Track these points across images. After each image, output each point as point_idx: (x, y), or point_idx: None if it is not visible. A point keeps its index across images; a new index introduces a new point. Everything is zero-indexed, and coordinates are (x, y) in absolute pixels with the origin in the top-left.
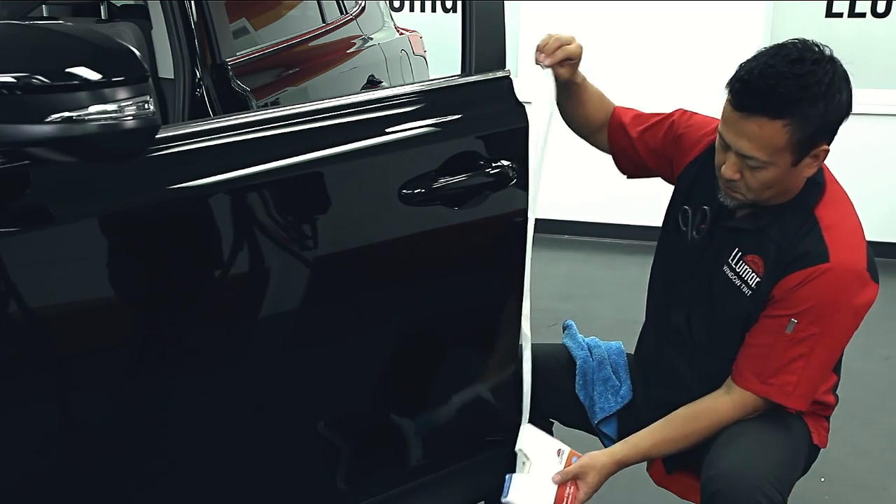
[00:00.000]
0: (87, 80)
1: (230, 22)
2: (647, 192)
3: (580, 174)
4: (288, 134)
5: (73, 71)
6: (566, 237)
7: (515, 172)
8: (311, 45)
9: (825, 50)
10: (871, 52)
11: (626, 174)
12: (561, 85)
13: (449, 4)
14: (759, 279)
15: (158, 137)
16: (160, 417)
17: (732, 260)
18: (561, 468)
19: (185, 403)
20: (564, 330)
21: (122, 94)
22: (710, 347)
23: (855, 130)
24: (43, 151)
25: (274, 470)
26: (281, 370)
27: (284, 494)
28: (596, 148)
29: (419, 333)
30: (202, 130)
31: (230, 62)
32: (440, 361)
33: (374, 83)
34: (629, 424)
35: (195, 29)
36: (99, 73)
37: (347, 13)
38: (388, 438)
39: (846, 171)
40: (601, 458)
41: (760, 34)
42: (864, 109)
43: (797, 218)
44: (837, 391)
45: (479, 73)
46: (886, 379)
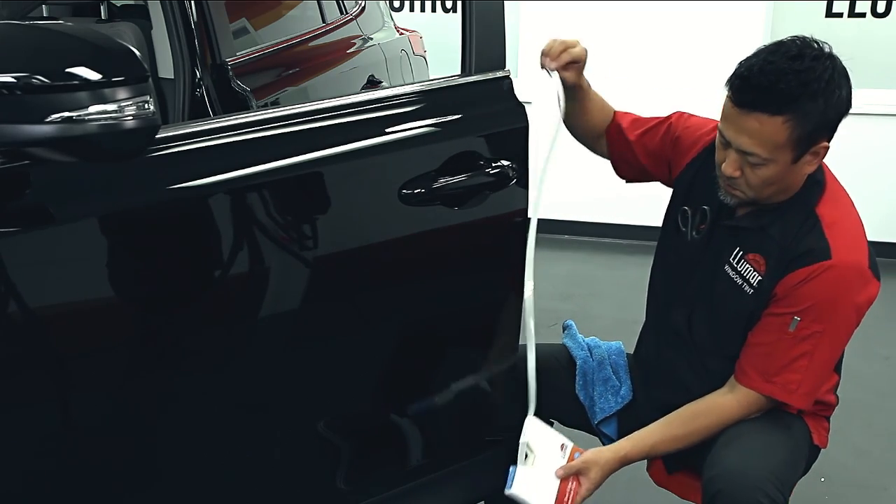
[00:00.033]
0: (87, 80)
1: (230, 22)
2: (647, 192)
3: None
4: (288, 134)
5: (73, 71)
6: (566, 237)
7: (515, 172)
8: (311, 45)
9: (824, 47)
10: (871, 52)
11: (624, 179)
12: (567, 90)
13: (449, 4)
14: (760, 278)
15: (158, 137)
16: (160, 417)
17: (734, 259)
18: (563, 463)
19: (185, 403)
20: (564, 330)
21: (122, 94)
22: (711, 347)
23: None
24: (43, 151)
25: (274, 470)
26: (281, 370)
27: (284, 494)
28: (596, 154)
29: (419, 333)
30: (202, 130)
31: (230, 62)
32: (440, 361)
33: (374, 83)
34: (629, 425)
35: (195, 29)
36: (99, 73)
37: (347, 13)
38: (388, 438)
39: (846, 171)
40: (604, 454)
41: (760, 34)
42: (864, 109)
43: (798, 216)
44: (837, 391)
45: (479, 73)
46: (886, 379)
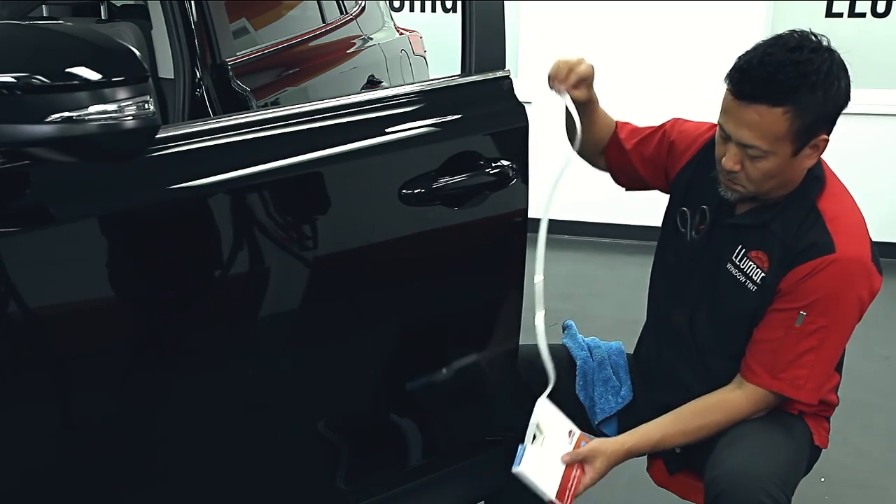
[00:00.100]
0: (87, 80)
1: (230, 22)
2: (647, 192)
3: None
4: (288, 134)
5: (73, 71)
6: (566, 237)
7: (515, 172)
8: (311, 45)
9: (822, 40)
10: (871, 52)
11: (623, 187)
12: (579, 107)
13: (449, 4)
14: (763, 274)
15: (158, 137)
16: (160, 417)
17: (736, 257)
18: (570, 449)
19: (185, 403)
20: (564, 330)
21: (122, 94)
22: (714, 347)
23: (855, 130)
24: (43, 151)
25: (274, 470)
26: (281, 370)
27: (285, 494)
28: (595, 167)
29: (419, 333)
30: (202, 130)
31: (230, 62)
32: (440, 361)
33: (374, 83)
34: (629, 425)
35: (195, 29)
36: (99, 73)
37: (347, 13)
38: (388, 438)
39: (846, 171)
40: (611, 445)
41: (760, 34)
42: (864, 109)
43: (800, 211)
44: (838, 391)
45: (479, 73)
46: (886, 379)
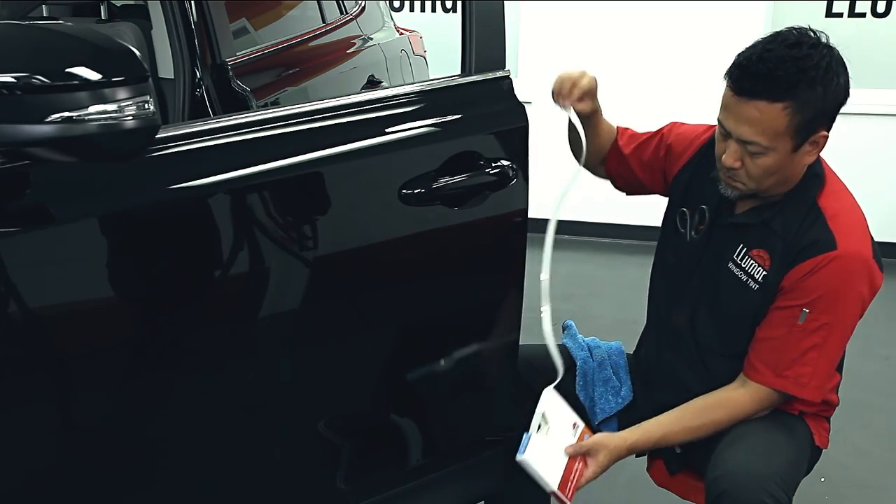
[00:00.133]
0: (87, 80)
1: (230, 22)
2: None
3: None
4: (288, 134)
5: (73, 71)
6: (566, 237)
7: (515, 172)
8: (311, 45)
9: (821, 36)
10: (871, 52)
11: (623, 192)
12: (583, 119)
13: (449, 4)
14: (765, 273)
15: (158, 137)
16: (160, 417)
17: (737, 256)
18: (573, 441)
19: (185, 403)
20: (564, 330)
21: (122, 94)
22: (715, 346)
23: (855, 130)
24: (43, 151)
25: (274, 470)
26: (281, 370)
27: (285, 494)
28: (596, 176)
29: (419, 333)
30: (202, 130)
31: (230, 62)
32: (440, 361)
33: (374, 83)
34: (629, 425)
35: (195, 29)
36: (99, 73)
37: (347, 13)
38: (388, 438)
39: (846, 171)
40: (614, 439)
41: (760, 34)
42: (864, 109)
43: (800, 209)
44: (838, 391)
45: (479, 73)
46: (886, 379)
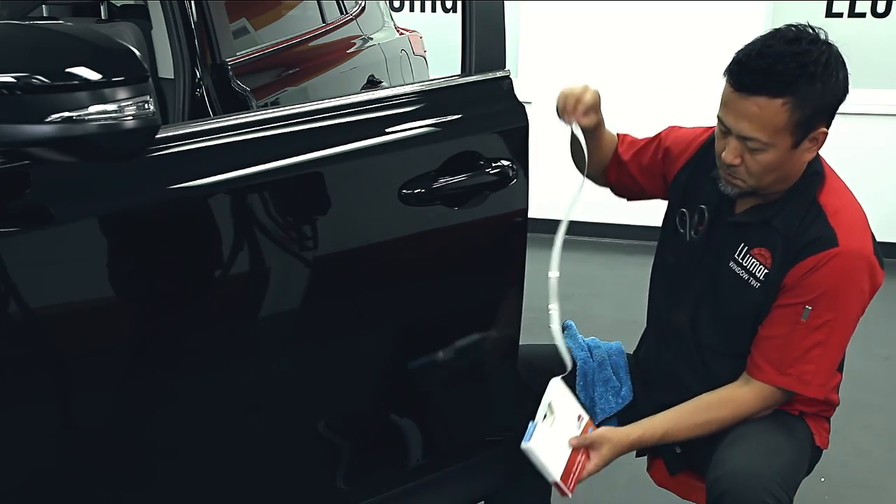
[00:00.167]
0: (87, 80)
1: (230, 22)
2: None
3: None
4: (288, 134)
5: (73, 71)
6: (567, 237)
7: (515, 172)
8: (311, 45)
9: (820, 33)
10: (871, 52)
11: (624, 198)
12: (587, 133)
13: (449, 4)
14: (767, 271)
15: (158, 137)
16: (161, 417)
17: (738, 255)
18: (577, 433)
19: (185, 403)
20: (564, 330)
21: (122, 94)
22: (717, 346)
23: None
24: (43, 151)
25: (274, 470)
26: (281, 370)
27: (285, 494)
28: (597, 185)
29: (419, 333)
30: (202, 130)
31: (230, 62)
32: (440, 361)
33: (374, 83)
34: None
35: (195, 29)
36: (99, 73)
37: (347, 13)
38: (388, 438)
39: (846, 171)
40: (618, 433)
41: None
42: (864, 109)
43: (801, 206)
44: (838, 391)
45: (479, 73)
46: (886, 379)
